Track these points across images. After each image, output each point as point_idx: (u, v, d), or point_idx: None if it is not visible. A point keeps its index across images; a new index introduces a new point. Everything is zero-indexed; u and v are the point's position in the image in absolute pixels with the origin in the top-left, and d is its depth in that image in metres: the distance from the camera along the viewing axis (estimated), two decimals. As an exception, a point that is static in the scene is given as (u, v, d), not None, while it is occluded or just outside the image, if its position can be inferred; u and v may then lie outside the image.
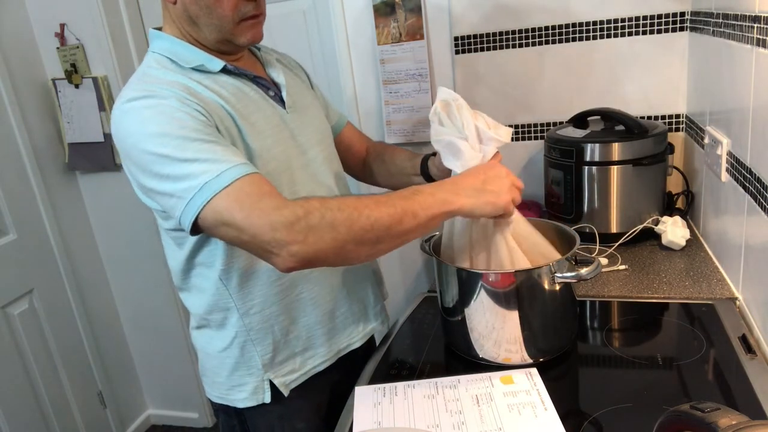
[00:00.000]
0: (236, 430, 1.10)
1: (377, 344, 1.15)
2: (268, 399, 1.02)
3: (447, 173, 1.00)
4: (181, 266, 1.01)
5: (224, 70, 0.96)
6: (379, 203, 0.83)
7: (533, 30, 1.58)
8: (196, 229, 0.84)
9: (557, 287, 0.95)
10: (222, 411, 1.10)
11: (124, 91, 0.89)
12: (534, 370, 0.96)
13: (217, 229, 0.83)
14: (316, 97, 1.16)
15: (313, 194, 1.00)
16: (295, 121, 1.03)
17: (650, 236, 1.41)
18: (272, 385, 1.02)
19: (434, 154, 1.10)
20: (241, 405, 1.04)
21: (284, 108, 1.02)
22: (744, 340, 0.98)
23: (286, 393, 1.03)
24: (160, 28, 0.98)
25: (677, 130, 1.57)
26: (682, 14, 1.47)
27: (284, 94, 1.03)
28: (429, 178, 1.14)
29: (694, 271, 1.26)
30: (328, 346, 1.07)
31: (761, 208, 0.97)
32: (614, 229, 1.41)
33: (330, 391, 1.12)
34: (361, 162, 1.29)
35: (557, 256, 0.98)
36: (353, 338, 1.11)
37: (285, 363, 1.03)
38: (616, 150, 1.36)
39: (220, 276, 0.97)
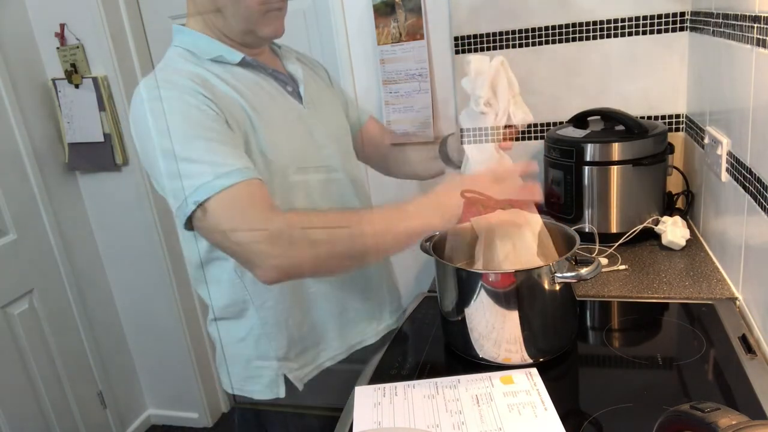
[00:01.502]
0: (251, 424, 1.11)
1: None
2: (282, 393, 1.03)
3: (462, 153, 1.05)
4: (198, 258, 1.02)
5: (243, 63, 0.98)
6: (363, 222, 0.87)
7: (533, 30, 1.58)
8: (190, 225, 0.86)
9: (557, 287, 0.95)
10: (238, 409, 1.11)
11: (142, 81, 0.91)
12: (534, 370, 0.96)
13: (206, 233, 0.86)
14: (335, 96, 1.18)
15: (328, 191, 1.03)
16: (312, 117, 1.04)
17: (650, 236, 1.41)
18: (286, 380, 1.04)
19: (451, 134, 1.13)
20: (257, 396, 1.05)
21: (302, 103, 1.04)
22: (744, 340, 0.98)
23: (300, 387, 1.04)
24: (182, 25, 1.01)
25: (677, 130, 1.57)
26: (682, 14, 1.47)
27: (302, 90, 1.05)
28: (447, 159, 1.15)
29: (694, 271, 1.26)
30: (340, 340, 1.08)
31: (761, 208, 0.97)
32: (614, 229, 1.41)
33: (346, 387, 1.12)
34: (383, 151, 1.31)
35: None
36: (366, 334, 1.12)
37: (299, 357, 1.05)
38: (616, 150, 1.36)
39: (235, 268, 0.99)
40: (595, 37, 1.55)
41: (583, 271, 0.93)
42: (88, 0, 1.92)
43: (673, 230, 1.35)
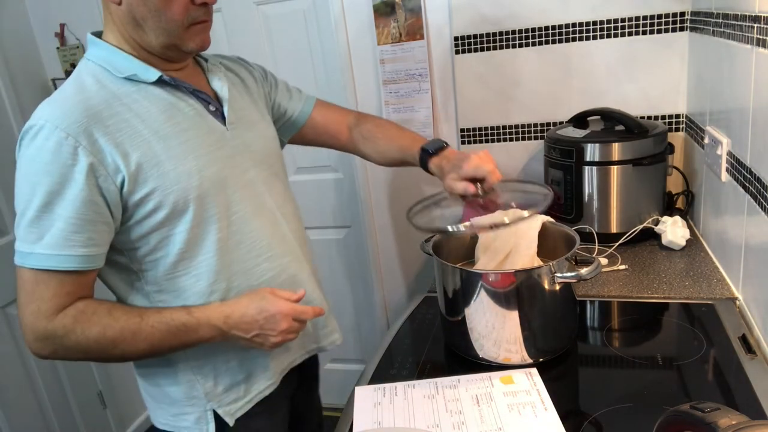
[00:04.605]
0: None
1: (376, 347, 1.14)
2: (212, 429, 0.99)
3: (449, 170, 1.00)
4: (119, 291, 0.97)
5: (159, 82, 0.90)
6: (139, 339, 0.87)
7: (533, 30, 1.58)
8: None
9: (557, 287, 0.95)
10: None
11: (38, 109, 0.84)
12: (534, 370, 0.96)
13: None
14: (262, 111, 1.09)
15: (253, 217, 0.97)
16: (236, 139, 0.98)
17: (650, 236, 1.41)
18: (217, 415, 0.99)
19: (434, 152, 1.06)
20: None
21: (224, 124, 0.97)
22: (744, 340, 0.98)
23: (231, 422, 0.99)
24: (100, 33, 0.92)
25: (677, 130, 1.57)
26: (682, 14, 1.47)
27: (226, 109, 0.98)
28: (425, 167, 1.08)
29: (694, 271, 1.26)
30: (270, 370, 1.02)
31: (761, 208, 0.97)
32: (614, 229, 1.41)
33: (288, 404, 1.11)
34: (346, 141, 1.22)
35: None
36: (294, 356, 1.07)
37: (228, 392, 0.99)
38: (616, 150, 1.36)
39: (157, 303, 0.94)
40: (595, 37, 1.55)
41: (583, 271, 0.93)
42: (88, 0, 1.92)
43: (673, 230, 1.35)
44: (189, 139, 0.91)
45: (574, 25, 1.55)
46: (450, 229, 0.97)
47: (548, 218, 1.07)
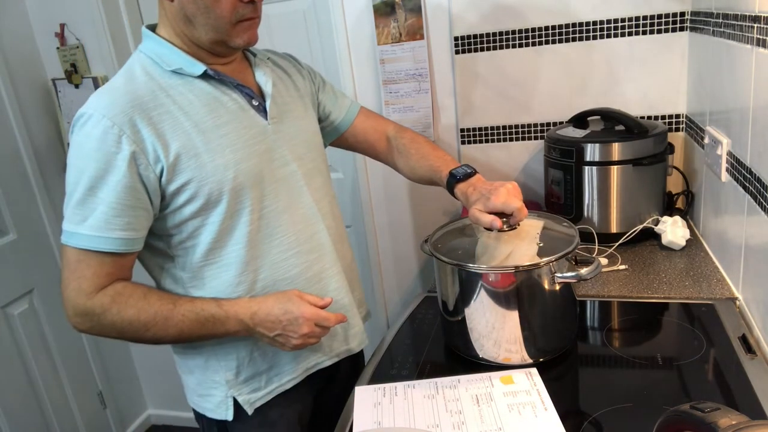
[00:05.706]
0: None
1: (376, 347, 1.14)
2: (230, 416, 1.02)
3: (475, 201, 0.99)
4: (152, 272, 1.03)
5: (204, 76, 0.95)
6: (170, 325, 0.92)
7: (533, 30, 1.58)
8: None
9: (557, 287, 0.95)
10: (204, 418, 1.08)
11: (91, 98, 0.90)
12: (534, 370, 0.96)
13: None
14: (307, 107, 1.12)
15: (285, 211, 1.00)
16: (277, 133, 1.01)
17: (650, 236, 1.41)
18: (236, 402, 1.02)
19: (461, 178, 1.05)
20: (209, 415, 1.04)
21: (266, 119, 1.00)
22: (744, 340, 0.98)
23: (250, 411, 1.02)
24: (155, 26, 0.98)
25: (677, 130, 1.57)
26: (682, 14, 1.47)
27: (268, 104, 1.01)
28: (451, 191, 1.09)
29: (694, 271, 1.26)
30: (294, 364, 1.05)
31: (761, 208, 0.97)
32: (614, 229, 1.41)
33: (312, 400, 1.12)
34: (382, 152, 1.24)
35: None
36: (321, 357, 1.09)
37: (250, 381, 1.03)
38: (616, 150, 1.36)
39: (188, 289, 0.99)
40: (595, 37, 1.55)
41: (583, 271, 0.93)
42: (88, 0, 1.92)
43: (673, 230, 1.35)
44: (229, 133, 0.95)
45: (574, 25, 1.55)
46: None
47: (548, 218, 1.07)
